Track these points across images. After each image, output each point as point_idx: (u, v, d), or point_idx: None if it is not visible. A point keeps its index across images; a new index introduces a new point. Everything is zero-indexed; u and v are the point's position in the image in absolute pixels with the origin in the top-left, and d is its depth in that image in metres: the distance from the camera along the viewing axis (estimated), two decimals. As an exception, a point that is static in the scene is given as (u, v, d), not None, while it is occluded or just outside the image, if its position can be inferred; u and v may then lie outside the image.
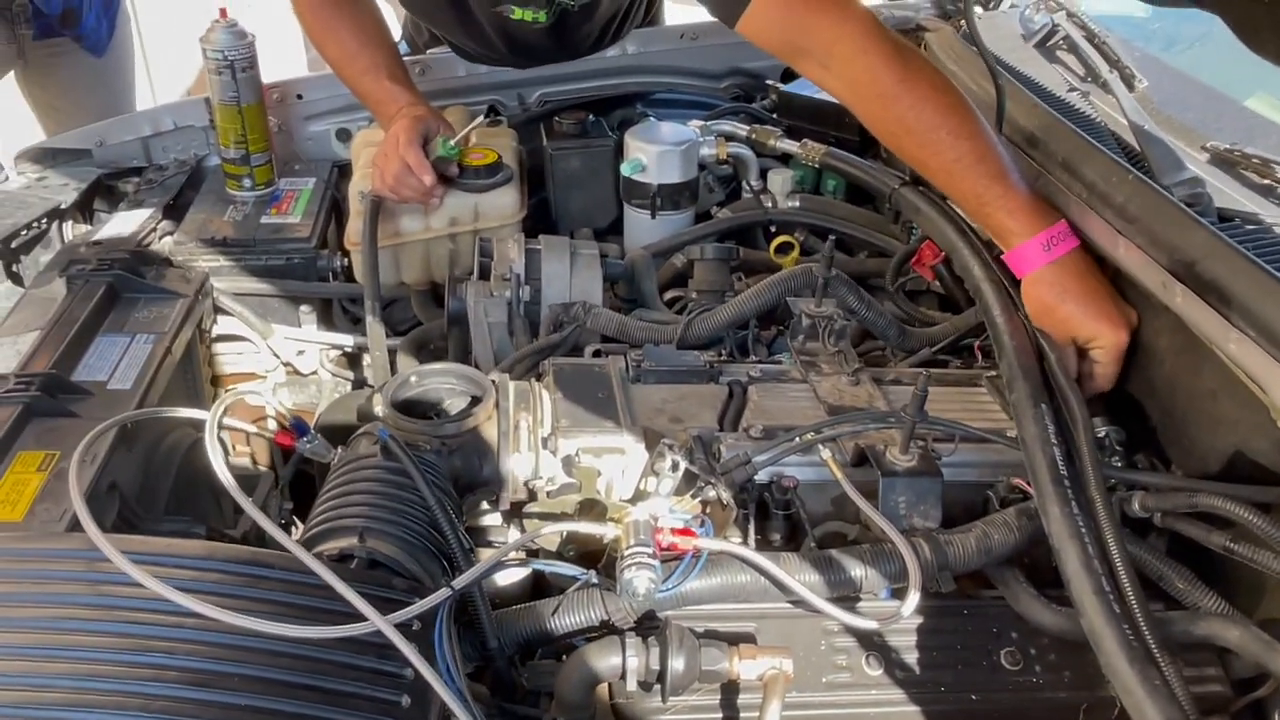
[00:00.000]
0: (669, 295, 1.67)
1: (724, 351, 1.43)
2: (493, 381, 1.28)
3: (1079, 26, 1.81)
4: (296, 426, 1.17)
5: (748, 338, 1.46)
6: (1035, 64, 1.79)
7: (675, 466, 1.12)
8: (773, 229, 1.85)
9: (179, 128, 2.12)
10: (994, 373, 1.39)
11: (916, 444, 1.15)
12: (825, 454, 1.14)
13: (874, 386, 1.32)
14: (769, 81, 2.15)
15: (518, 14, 1.84)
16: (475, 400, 1.25)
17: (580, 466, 1.14)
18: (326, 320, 1.90)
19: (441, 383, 1.27)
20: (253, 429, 1.18)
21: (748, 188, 1.88)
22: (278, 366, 1.85)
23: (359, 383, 1.84)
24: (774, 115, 2.06)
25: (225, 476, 1.02)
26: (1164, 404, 1.26)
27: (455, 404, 1.27)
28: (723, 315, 1.40)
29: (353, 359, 1.89)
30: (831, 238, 1.38)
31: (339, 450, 1.17)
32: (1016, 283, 1.36)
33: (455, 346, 1.56)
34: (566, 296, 1.51)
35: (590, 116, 1.90)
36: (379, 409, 1.21)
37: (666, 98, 2.23)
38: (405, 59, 2.12)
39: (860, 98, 1.40)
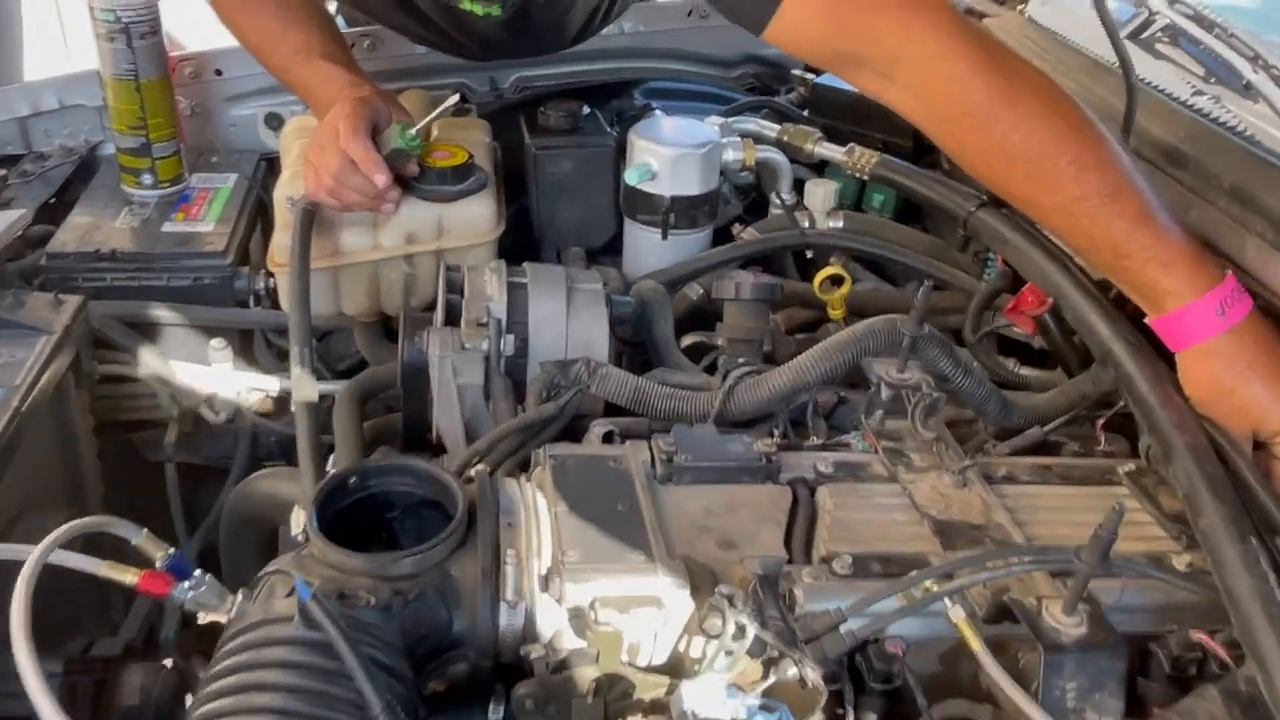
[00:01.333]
0: (687, 341, 1.31)
1: (776, 429, 1.07)
2: (467, 479, 0.91)
3: (1189, 15, 1.47)
4: (173, 567, 0.78)
5: (806, 409, 1.10)
6: (1137, 61, 1.46)
7: (740, 632, 0.76)
8: (808, 254, 1.50)
9: (65, 107, 1.70)
10: (1131, 465, 1.05)
11: (1083, 600, 0.80)
12: (958, 615, 0.78)
13: (986, 489, 0.97)
14: (796, 71, 1.79)
15: (465, 4, 1.46)
16: (437, 509, 0.87)
17: (599, 630, 0.78)
18: (246, 355, 1.51)
19: (393, 484, 0.89)
20: (98, 570, 0.78)
21: (777, 202, 1.52)
22: (180, 415, 1.46)
23: (284, 443, 1.45)
24: (804, 112, 1.70)
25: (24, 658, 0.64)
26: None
27: (411, 519, 0.90)
28: (778, 382, 1.04)
29: (281, 404, 1.50)
30: (928, 283, 1.03)
31: (237, 599, 0.79)
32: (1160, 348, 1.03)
33: (411, 409, 1.18)
34: (562, 349, 1.14)
35: (584, 108, 1.52)
36: (298, 526, 0.83)
37: (666, 86, 1.86)
38: (348, 32, 1.74)
39: (941, 118, 1.06)
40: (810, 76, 1.73)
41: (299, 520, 0.82)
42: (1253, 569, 0.80)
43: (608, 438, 1.01)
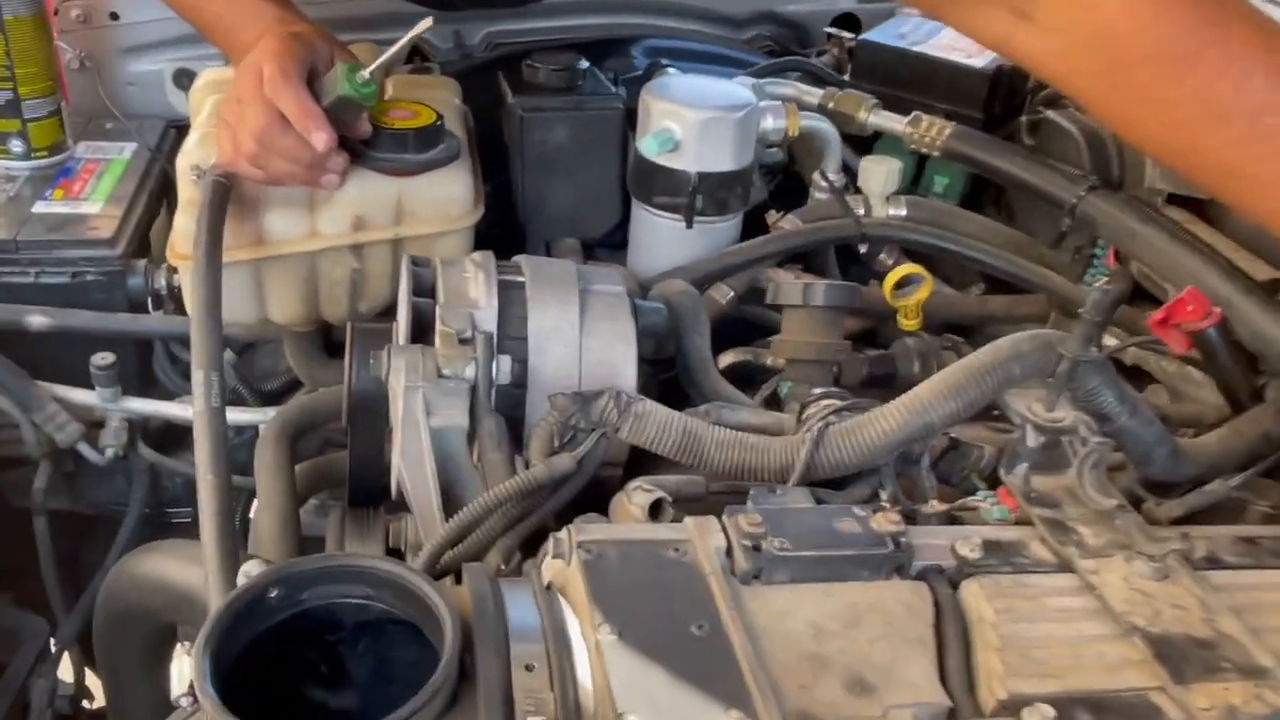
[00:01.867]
0: (727, 360, 1.00)
1: (883, 491, 0.77)
2: (443, 569, 0.60)
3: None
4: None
5: (918, 457, 0.80)
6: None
7: None
8: (862, 249, 1.20)
9: (-87, 54, 1.34)
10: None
11: None
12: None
13: (1196, 581, 0.68)
14: (830, 29, 1.49)
15: None
16: (410, 631, 0.56)
17: None
18: (143, 375, 1.18)
19: (339, 594, 0.58)
20: None
21: (823, 184, 1.22)
22: (53, 452, 1.12)
23: (193, 485, 1.12)
24: (843, 77, 1.41)
25: None
26: None
27: (369, 639, 0.58)
28: (889, 426, 0.74)
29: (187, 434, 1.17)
30: (1104, 284, 0.73)
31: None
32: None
33: (361, 452, 0.86)
34: (574, 375, 0.82)
35: (582, 61, 1.21)
36: (181, 684, 0.51)
37: (666, 46, 1.55)
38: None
39: (1108, 66, 0.77)
40: (846, 35, 1.44)
41: (184, 674, 0.50)
42: None
43: (655, 510, 0.69)
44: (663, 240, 1.14)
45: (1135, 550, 0.69)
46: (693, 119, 1.08)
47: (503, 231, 1.22)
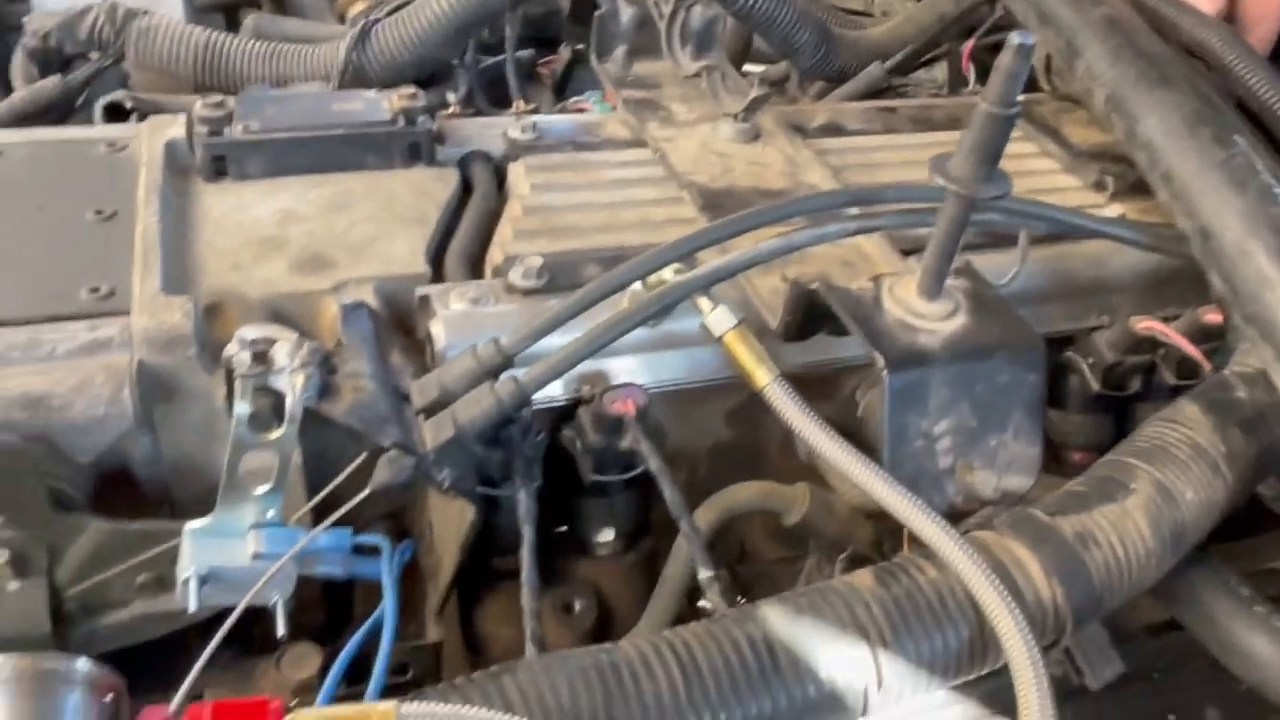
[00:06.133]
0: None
1: (453, 93, 0.65)
2: None
3: None
4: None
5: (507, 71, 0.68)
6: None
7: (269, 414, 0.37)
8: None
9: None
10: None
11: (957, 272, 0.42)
12: (722, 322, 0.40)
13: (794, 141, 0.58)
14: None
15: None
16: None
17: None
18: None
19: None
20: None
21: None
22: None
23: None
24: None
25: None
26: None
27: None
28: (435, 13, 0.61)
29: None
30: None
31: None
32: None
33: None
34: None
35: None
36: None
37: None
38: None
39: None
40: None
41: None
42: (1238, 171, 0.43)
43: (115, 112, 0.57)
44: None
45: (722, 113, 0.59)
46: None
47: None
